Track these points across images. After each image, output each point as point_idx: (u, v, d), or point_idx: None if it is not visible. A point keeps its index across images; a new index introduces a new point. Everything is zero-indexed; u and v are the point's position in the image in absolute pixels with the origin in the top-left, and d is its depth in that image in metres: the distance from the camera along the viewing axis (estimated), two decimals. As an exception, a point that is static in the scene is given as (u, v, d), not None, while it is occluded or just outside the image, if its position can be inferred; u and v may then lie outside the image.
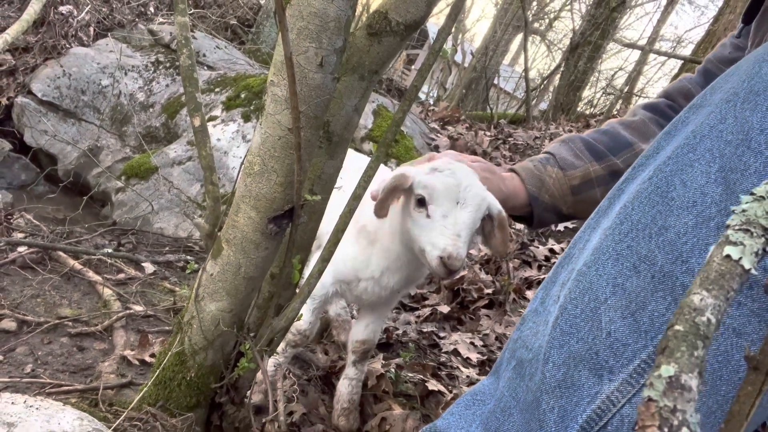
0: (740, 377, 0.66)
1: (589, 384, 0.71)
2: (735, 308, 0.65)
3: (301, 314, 1.15)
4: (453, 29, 0.97)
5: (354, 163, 1.35)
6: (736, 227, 0.41)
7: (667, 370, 0.34)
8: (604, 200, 0.84)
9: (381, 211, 1.17)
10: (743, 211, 0.42)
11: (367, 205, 1.35)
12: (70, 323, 1.71)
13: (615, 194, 0.83)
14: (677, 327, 0.36)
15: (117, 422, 0.93)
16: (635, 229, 0.73)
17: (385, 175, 1.66)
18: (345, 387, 1.51)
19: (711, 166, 0.69)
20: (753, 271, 0.39)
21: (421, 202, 1.11)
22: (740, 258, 0.39)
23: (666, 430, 0.32)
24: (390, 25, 0.97)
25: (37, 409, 0.85)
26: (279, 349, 1.45)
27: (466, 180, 1.11)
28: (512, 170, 1.27)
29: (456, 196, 1.09)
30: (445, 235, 1.07)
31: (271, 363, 1.44)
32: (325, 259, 1.05)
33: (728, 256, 0.39)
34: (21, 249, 2.04)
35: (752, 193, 0.43)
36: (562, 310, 0.77)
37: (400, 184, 1.14)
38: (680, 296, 0.67)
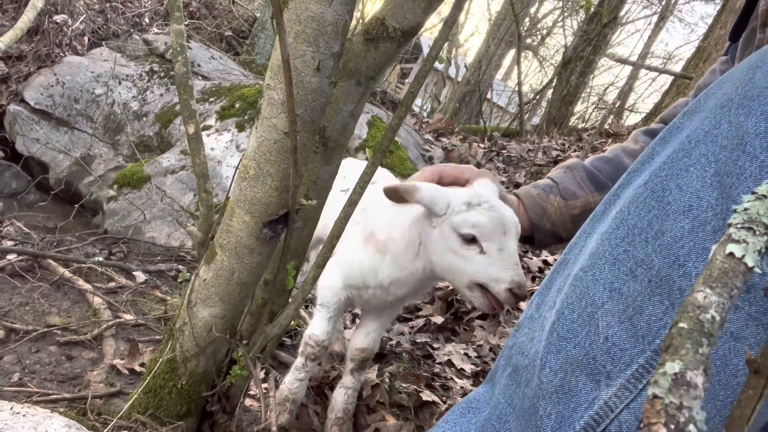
0: (738, 382, 0.65)
1: (587, 389, 0.71)
2: (733, 312, 0.65)
3: (297, 321, 1.14)
4: (448, 37, 0.98)
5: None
6: (738, 225, 0.41)
7: (672, 367, 0.34)
8: (600, 205, 0.84)
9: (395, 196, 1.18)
10: (745, 209, 0.42)
11: (374, 212, 1.34)
12: (59, 332, 1.69)
13: (610, 199, 0.82)
14: (681, 324, 0.36)
15: (106, 430, 0.91)
16: (631, 233, 0.73)
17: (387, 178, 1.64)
18: (341, 396, 1.48)
19: (706, 170, 0.70)
20: (756, 269, 0.39)
21: (471, 240, 1.12)
22: (743, 256, 0.39)
23: (672, 427, 0.31)
24: (387, 31, 0.97)
25: (24, 416, 0.83)
26: (299, 364, 1.41)
27: (506, 210, 1.13)
28: (516, 195, 1.32)
29: (503, 227, 1.11)
30: (508, 267, 1.09)
31: (291, 379, 1.40)
32: (320, 266, 1.04)
33: (731, 254, 0.39)
34: (10, 257, 2.02)
35: (753, 192, 0.43)
36: (558, 315, 0.76)
37: (407, 193, 1.14)
38: (678, 300, 0.67)
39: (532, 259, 2.77)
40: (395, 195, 1.15)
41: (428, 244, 1.20)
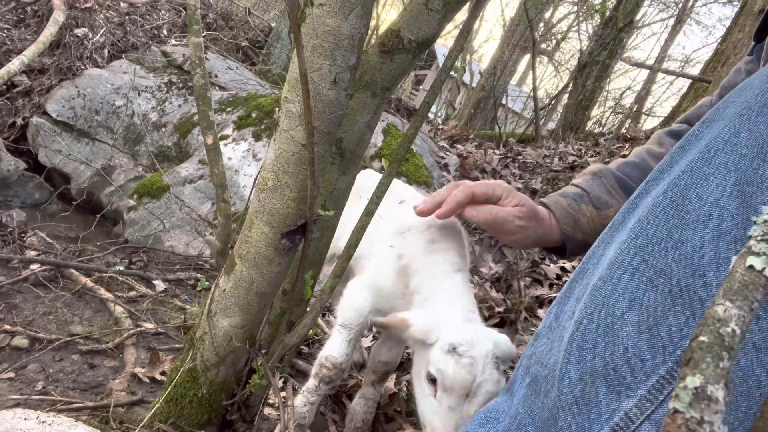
0: (761, 393, 0.64)
1: (607, 400, 0.70)
2: (755, 323, 0.64)
3: (315, 330, 1.14)
4: (463, 47, 0.99)
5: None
6: (758, 237, 0.40)
7: (693, 381, 0.34)
8: (618, 214, 0.84)
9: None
10: (765, 221, 0.41)
11: (411, 244, 1.28)
12: (82, 340, 1.71)
13: (629, 208, 0.82)
14: (702, 338, 0.36)
15: (129, 439, 0.92)
16: (651, 243, 0.73)
17: (400, 189, 1.57)
18: (360, 406, 1.48)
19: (726, 179, 0.69)
20: (777, 282, 0.38)
21: (432, 381, 1.09)
22: (764, 268, 0.39)
23: (693, 441, 0.31)
24: (402, 42, 0.98)
25: (49, 425, 0.84)
26: (311, 386, 1.33)
27: (483, 372, 1.06)
28: (545, 205, 1.29)
29: (467, 390, 1.06)
30: (447, 427, 1.05)
31: (301, 402, 1.33)
32: (337, 275, 1.05)
33: (751, 267, 0.39)
34: (34, 266, 2.06)
35: (773, 204, 0.43)
36: (577, 326, 0.76)
37: (397, 328, 1.13)
38: (698, 310, 0.66)
39: (549, 266, 2.75)
40: (385, 330, 1.13)
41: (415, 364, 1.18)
